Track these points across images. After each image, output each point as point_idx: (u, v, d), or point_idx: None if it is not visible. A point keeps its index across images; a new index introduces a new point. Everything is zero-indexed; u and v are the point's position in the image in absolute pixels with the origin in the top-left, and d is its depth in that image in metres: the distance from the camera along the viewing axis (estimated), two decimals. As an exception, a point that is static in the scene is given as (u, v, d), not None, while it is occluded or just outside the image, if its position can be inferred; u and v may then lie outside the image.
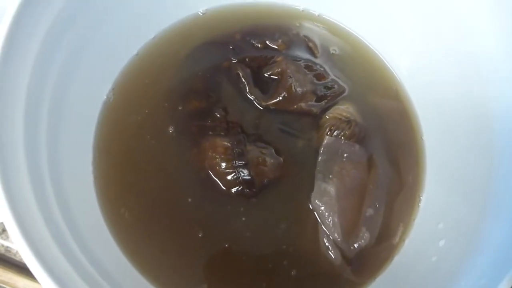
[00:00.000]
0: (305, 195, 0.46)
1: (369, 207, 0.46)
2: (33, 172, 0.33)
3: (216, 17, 0.53)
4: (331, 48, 0.54)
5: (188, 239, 0.44)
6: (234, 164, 0.44)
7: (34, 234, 0.29)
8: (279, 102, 0.49)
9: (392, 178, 0.49)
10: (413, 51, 0.51)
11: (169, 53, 0.51)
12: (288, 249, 0.45)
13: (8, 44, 0.32)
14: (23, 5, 0.33)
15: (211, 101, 0.49)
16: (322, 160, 0.47)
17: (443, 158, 0.48)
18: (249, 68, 0.50)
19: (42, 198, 0.33)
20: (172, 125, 0.48)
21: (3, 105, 0.31)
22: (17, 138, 0.32)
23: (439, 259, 0.41)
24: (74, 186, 0.40)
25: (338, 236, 0.44)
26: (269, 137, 0.48)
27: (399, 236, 0.47)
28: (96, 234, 0.41)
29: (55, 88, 0.38)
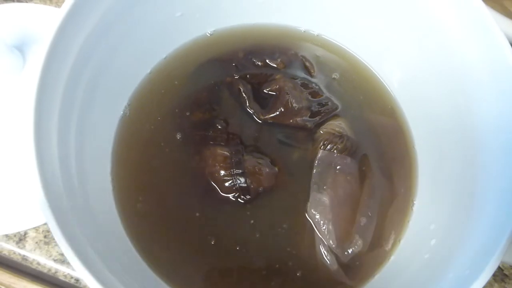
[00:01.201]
0: (300, 204, 0.49)
1: (362, 216, 0.50)
2: (66, 182, 0.37)
3: (221, 37, 0.57)
4: (329, 67, 0.57)
5: (190, 239, 0.48)
6: (232, 172, 0.48)
7: (70, 233, 0.33)
8: (277, 116, 0.52)
9: (385, 188, 0.52)
10: (405, 68, 0.54)
11: (178, 70, 0.55)
12: (285, 255, 0.48)
13: (45, 68, 0.36)
14: (57, 33, 0.37)
15: (213, 113, 0.53)
16: (316, 172, 0.50)
17: (434, 165, 0.51)
18: (249, 84, 0.54)
19: (74, 204, 0.37)
20: (180, 133, 0.51)
21: (41, 123, 0.35)
22: (52, 152, 0.37)
23: (431, 256, 0.45)
24: (96, 193, 0.44)
25: (333, 243, 0.48)
26: (266, 149, 0.51)
27: (392, 243, 0.50)
28: (113, 229, 0.46)
29: (81, 107, 0.42)
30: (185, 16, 0.53)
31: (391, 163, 0.54)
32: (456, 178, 0.47)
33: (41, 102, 0.35)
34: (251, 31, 0.58)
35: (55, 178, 0.36)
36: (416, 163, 0.54)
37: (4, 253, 0.55)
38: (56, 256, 0.54)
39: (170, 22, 0.52)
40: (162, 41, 0.54)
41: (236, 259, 0.47)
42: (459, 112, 0.47)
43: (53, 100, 0.38)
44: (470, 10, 0.43)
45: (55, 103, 0.38)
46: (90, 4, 0.40)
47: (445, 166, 0.49)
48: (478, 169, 0.44)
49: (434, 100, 0.51)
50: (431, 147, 0.52)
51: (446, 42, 0.47)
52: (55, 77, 0.38)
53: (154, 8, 0.49)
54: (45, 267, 0.54)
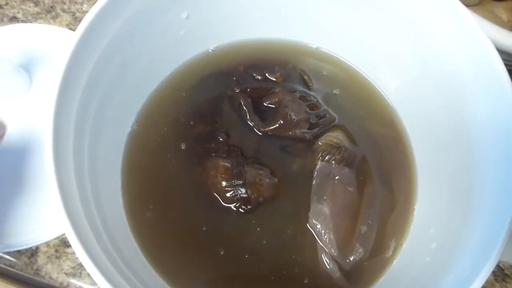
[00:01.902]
0: (301, 214, 0.51)
1: (362, 225, 0.51)
2: (82, 194, 0.39)
3: (223, 53, 0.59)
4: (328, 78, 0.59)
5: (196, 245, 0.50)
6: (233, 183, 0.50)
7: (86, 242, 0.36)
8: (276, 128, 0.54)
9: (385, 195, 0.54)
10: (401, 78, 0.56)
11: (182, 86, 0.57)
12: (288, 263, 0.49)
13: (61, 90, 0.38)
14: (71, 57, 0.39)
15: (215, 126, 0.54)
16: (316, 183, 0.52)
17: (432, 171, 0.53)
18: (250, 97, 0.56)
19: (90, 215, 0.39)
20: (184, 145, 0.53)
21: (58, 141, 0.37)
22: (69, 166, 0.39)
23: (431, 259, 0.46)
24: (109, 206, 0.46)
25: (335, 251, 0.49)
26: (266, 160, 0.53)
27: (392, 250, 0.51)
28: (126, 239, 0.48)
29: (93, 125, 0.44)
30: (188, 34, 0.55)
31: (390, 171, 0.56)
32: (453, 183, 0.49)
33: (58, 121, 0.38)
34: (251, 46, 0.60)
35: (72, 192, 0.38)
36: (415, 170, 0.55)
37: (17, 268, 0.57)
38: (67, 270, 0.56)
39: (174, 40, 0.54)
40: (167, 59, 0.56)
41: (241, 266, 0.49)
42: (453, 118, 0.49)
43: (68, 120, 0.40)
44: (459, 21, 0.45)
45: (70, 122, 0.40)
46: (101, 27, 0.43)
47: (443, 171, 0.51)
48: (474, 173, 0.46)
49: (430, 108, 0.53)
50: (429, 153, 0.54)
51: (438, 52, 0.49)
52: (69, 98, 0.40)
53: (159, 28, 0.51)
54: (57, 281, 0.56)
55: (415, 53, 0.52)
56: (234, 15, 0.56)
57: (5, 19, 0.69)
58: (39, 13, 0.70)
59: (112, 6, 0.43)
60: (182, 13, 0.52)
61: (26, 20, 0.70)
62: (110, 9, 0.43)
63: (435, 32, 0.48)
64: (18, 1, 0.71)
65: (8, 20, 0.69)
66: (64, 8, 0.70)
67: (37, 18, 0.70)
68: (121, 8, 0.44)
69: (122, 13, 0.45)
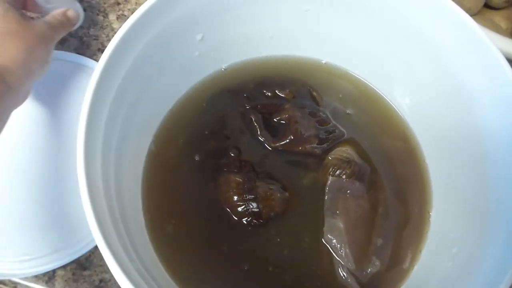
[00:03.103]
0: (315, 228, 0.51)
1: (378, 237, 0.52)
2: (110, 208, 0.41)
3: (234, 71, 0.60)
4: (339, 94, 0.60)
5: (213, 257, 0.51)
6: (245, 197, 0.50)
7: (115, 251, 0.37)
8: (287, 144, 0.55)
9: (400, 207, 0.54)
10: (413, 92, 0.57)
11: (196, 104, 0.58)
12: (306, 277, 0.50)
13: (88, 118, 0.40)
14: (97, 83, 0.41)
15: (227, 142, 0.55)
16: (328, 198, 0.53)
17: (447, 177, 0.54)
18: (260, 113, 0.57)
19: (117, 229, 0.41)
20: (198, 162, 0.55)
21: (89, 156, 0.39)
22: (99, 189, 0.40)
23: (454, 263, 0.47)
24: (134, 224, 0.47)
25: (351, 265, 0.50)
26: (277, 175, 0.54)
27: (409, 261, 0.51)
28: (146, 249, 0.48)
29: (116, 148, 0.46)
30: (202, 55, 0.56)
31: (404, 182, 0.56)
32: (468, 188, 0.50)
33: (87, 150, 0.39)
34: (261, 63, 0.61)
35: (104, 213, 0.39)
36: (429, 179, 0.56)
37: None
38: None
39: (189, 62, 0.56)
40: (183, 80, 0.58)
41: (262, 279, 0.50)
42: (467, 129, 0.50)
43: (95, 146, 0.41)
44: (469, 35, 0.46)
45: (97, 148, 0.41)
46: (123, 54, 0.45)
47: (457, 178, 0.52)
48: (487, 180, 0.47)
49: (442, 119, 0.53)
50: (442, 163, 0.55)
51: (450, 65, 0.50)
52: (95, 126, 0.41)
53: (175, 52, 0.53)
54: None
55: (427, 66, 0.53)
56: (246, 35, 0.58)
57: None
58: None
59: (133, 33, 0.45)
60: (197, 35, 0.54)
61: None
62: (131, 37, 0.45)
63: (446, 46, 0.49)
64: None
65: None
66: (71, 33, 0.71)
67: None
68: (141, 34, 0.46)
69: (142, 38, 0.47)
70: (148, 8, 0.45)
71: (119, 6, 0.72)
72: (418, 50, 0.52)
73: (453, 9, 0.46)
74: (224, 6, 0.52)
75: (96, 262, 0.57)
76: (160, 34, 0.48)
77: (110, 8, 0.73)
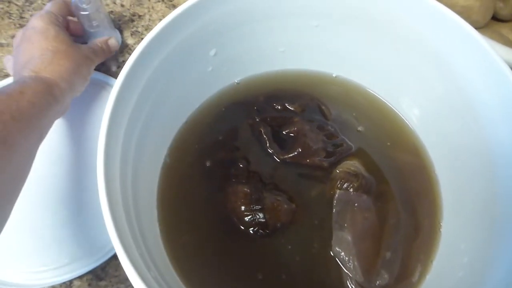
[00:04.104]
0: (323, 240, 0.52)
1: (387, 251, 0.52)
2: (128, 219, 0.42)
3: (246, 84, 0.62)
4: (348, 108, 0.61)
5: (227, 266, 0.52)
6: (252, 208, 0.51)
7: (134, 260, 0.37)
8: (295, 156, 0.55)
9: (409, 220, 0.54)
10: (422, 103, 0.58)
11: (208, 118, 0.60)
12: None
13: (108, 132, 0.42)
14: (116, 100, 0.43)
15: (236, 153, 0.57)
16: (336, 212, 0.53)
17: (456, 190, 0.54)
18: (270, 126, 0.58)
19: (135, 238, 0.42)
20: (208, 174, 0.56)
21: (108, 168, 0.40)
22: (118, 201, 0.41)
23: (465, 273, 0.47)
24: (149, 230, 0.48)
25: (360, 277, 0.50)
26: (284, 186, 0.54)
27: (418, 275, 0.51)
28: (162, 259, 0.49)
29: (133, 160, 0.47)
30: (215, 70, 0.58)
31: (413, 195, 0.56)
32: (479, 200, 0.50)
33: (107, 163, 0.41)
34: (273, 77, 0.63)
35: (121, 219, 0.40)
36: (439, 191, 0.56)
37: None
38: None
39: (203, 76, 0.58)
40: (196, 93, 0.60)
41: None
42: (476, 141, 0.50)
43: (114, 160, 0.43)
44: (476, 48, 0.47)
45: (116, 162, 0.43)
46: (140, 70, 0.46)
47: (468, 189, 0.52)
48: (497, 191, 0.47)
49: (452, 132, 0.54)
50: (452, 173, 0.55)
51: (457, 77, 0.50)
52: (114, 140, 0.43)
53: (189, 67, 0.54)
54: None
55: (435, 79, 0.54)
56: (258, 50, 0.59)
57: None
58: None
59: (148, 51, 0.47)
60: (210, 51, 0.56)
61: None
62: (146, 55, 0.46)
63: (453, 59, 0.50)
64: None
65: None
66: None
67: None
68: (157, 51, 0.48)
69: (158, 54, 0.48)
70: (164, 26, 0.47)
71: (133, 23, 0.75)
72: (426, 63, 0.53)
73: (459, 22, 0.47)
74: (237, 23, 0.54)
75: (112, 273, 0.58)
76: (174, 50, 0.50)
77: (124, 25, 0.75)
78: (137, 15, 0.77)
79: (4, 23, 0.76)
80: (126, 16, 0.76)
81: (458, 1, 0.65)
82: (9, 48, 0.74)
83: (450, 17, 0.48)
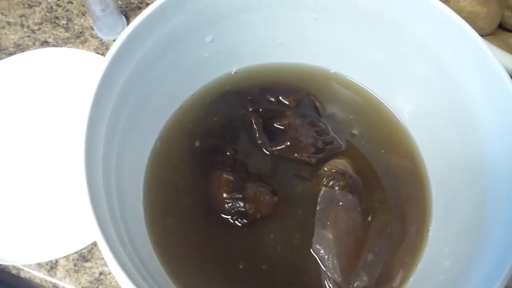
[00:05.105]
0: (303, 237, 0.51)
1: (368, 253, 0.51)
2: (110, 205, 0.41)
3: (243, 75, 0.61)
4: (344, 105, 0.61)
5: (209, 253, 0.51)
6: (233, 196, 0.50)
7: (115, 248, 0.37)
8: (283, 149, 0.55)
9: (396, 224, 0.53)
10: (418, 104, 0.57)
11: (202, 105, 0.59)
12: (295, 283, 0.50)
13: (93, 109, 0.41)
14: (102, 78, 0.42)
15: (225, 141, 0.56)
16: (320, 209, 0.52)
17: (448, 193, 0.53)
18: (261, 117, 0.57)
19: (116, 225, 0.41)
20: (197, 159, 0.55)
21: (89, 156, 0.40)
22: (98, 177, 0.41)
23: (445, 277, 0.46)
24: (132, 217, 0.48)
25: (338, 277, 0.49)
26: (269, 179, 0.54)
27: (400, 280, 0.50)
28: (146, 248, 0.49)
29: (119, 142, 0.46)
30: (212, 57, 0.57)
31: (405, 196, 0.55)
32: (468, 203, 0.49)
33: (89, 138, 0.40)
34: (270, 69, 0.62)
35: (102, 205, 0.40)
36: (430, 192, 0.55)
37: (36, 281, 0.59)
38: (85, 284, 0.58)
39: (199, 62, 0.57)
40: (192, 79, 0.59)
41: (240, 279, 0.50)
42: (469, 145, 0.49)
43: (98, 136, 0.42)
44: (473, 48, 0.46)
45: (99, 139, 0.42)
46: (130, 50, 0.45)
47: (459, 192, 0.51)
48: (487, 195, 0.46)
49: (448, 138, 0.53)
50: (444, 177, 0.54)
51: (454, 80, 0.49)
52: (99, 117, 0.42)
53: (185, 51, 0.54)
54: None
55: (436, 83, 0.52)
56: (255, 40, 0.59)
57: (37, 43, 0.74)
58: (69, 38, 0.75)
59: (141, 30, 0.46)
60: (207, 37, 0.55)
61: (57, 44, 0.75)
62: (139, 33, 0.46)
63: (451, 60, 0.49)
64: (50, 27, 0.76)
65: (40, 44, 0.74)
66: (92, 34, 0.74)
67: (67, 43, 0.75)
68: (150, 31, 0.47)
69: (151, 34, 0.48)
70: (159, 5, 0.46)
71: (140, 11, 0.74)
72: (427, 66, 0.52)
73: (464, 28, 0.46)
74: (234, 11, 0.53)
75: (98, 255, 0.59)
76: (170, 32, 0.49)
77: (131, 11, 0.76)
78: (144, 3, 0.77)
79: (13, 2, 0.77)
80: (134, 3, 0.77)
81: (465, 7, 0.64)
82: (16, 27, 0.75)
83: (456, 21, 0.46)
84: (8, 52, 0.73)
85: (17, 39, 0.74)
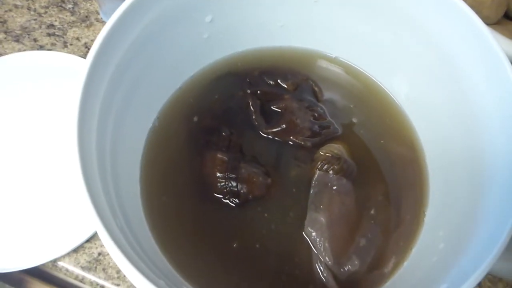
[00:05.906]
0: (297, 220, 0.51)
1: (361, 237, 0.51)
2: (105, 189, 0.41)
3: (242, 57, 0.61)
4: (343, 90, 0.60)
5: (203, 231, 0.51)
6: (226, 175, 0.51)
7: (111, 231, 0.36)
8: (279, 131, 0.55)
9: (392, 210, 0.53)
10: (417, 89, 0.56)
11: (201, 86, 0.59)
12: (282, 270, 0.49)
13: (86, 84, 0.40)
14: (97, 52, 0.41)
15: (221, 121, 0.56)
16: (313, 192, 0.52)
17: (446, 178, 0.53)
18: (259, 99, 0.57)
19: (112, 209, 0.41)
20: (194, 138, 0.55)
21: (82, 137, 0.39)
22: (92, 160, 0.40)
23: (438, 258, 0.46)
24: (128, 194, 0.48)
25: (329, 260, 0.48)
26: (264, 161, 0.54)
27: (392, 266, 0.50)
28: (141, 226, 0.49)
29: (115, 120, 0.46)
30: (211, 38, 0.57)
31: (402, 180, 0.55)
32: (465, 187, 0.48)
33: (82, 117, 0.39)
34: (270, 52, 0.62)
35: (97, 185, 0.39)
36: (427, 177, 0.55)
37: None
38: (83, 264, 0.58)
39: (198, 43, 0.57)
40: (192, 60, 0.59)
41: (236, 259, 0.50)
42: (467, 130, 0.49)
43: (92, 114, 0.42)
44: (475, 34, 0.46)
45: (94, 116, 0.42)
46: (128, 25, 0.45)
47: (456, 175, 0.50)
48: (483, 184, 0.45)
49: (447, 124, 0.52)
50: (442, 162, 0.53)
51: (457, 68, 0.49)
52: (94, 92, 0.42)
53: (184, 30, 0.54)
54: (73, 274, 0.58)
55: (434, 67, 0.52)
56: (256, 22, 0.58)
57: (43, 26, 0.74)
58: (74, 22, 0.76)
59: (139, 5, 0.45)
60: (206, 17, 0.55)
61: (62, 27, 0.74)
62: (137, 7, 0.45)
63: (453, 47, 0.48)
64: (56, 10, 0.77)
65: (46, 27, 0.74)
66: (97, 18, 0.75)
67: (72, 27, 0.75)
68: (148, 8, 0.47)
69: (148, 12, 0.47)
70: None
71: None
72: (428, 52, 0.52)
73: (470, 15, 0.46)
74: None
75: (97, 237, 0.59)
76: (167, 10, 0.49)
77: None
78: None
79: (20, -15, 0.77)
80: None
81: (470, -6, 0.62)
82: (23, 10, 0.76)
83: (461, 8, 0.46)
84: (14, 35, 0.73)
85: (24, 22, 0.75)
